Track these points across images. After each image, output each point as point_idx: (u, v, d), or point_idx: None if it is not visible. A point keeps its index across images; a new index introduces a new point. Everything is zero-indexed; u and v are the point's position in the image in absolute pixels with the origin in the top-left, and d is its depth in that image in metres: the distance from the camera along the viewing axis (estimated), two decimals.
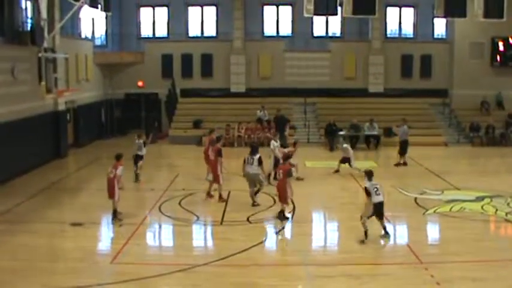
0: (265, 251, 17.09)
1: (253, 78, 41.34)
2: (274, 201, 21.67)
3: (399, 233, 18.61)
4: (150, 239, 18.62)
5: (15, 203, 21.67)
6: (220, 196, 21.93)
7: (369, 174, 17.81)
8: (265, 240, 17.75)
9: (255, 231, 18.33)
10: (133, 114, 41.62)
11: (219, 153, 22.30)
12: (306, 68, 41.03)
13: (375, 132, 34.95)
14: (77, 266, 15.27)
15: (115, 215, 19.08)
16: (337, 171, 27.16)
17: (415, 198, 22.25)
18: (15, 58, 26.58)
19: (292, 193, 20.14)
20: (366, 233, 17.06)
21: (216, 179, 21.98)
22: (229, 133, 35.59)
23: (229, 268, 15.13)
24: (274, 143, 25.31)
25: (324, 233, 19.39)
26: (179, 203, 21.61)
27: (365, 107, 38.12)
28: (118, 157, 19.68)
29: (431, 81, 41.12)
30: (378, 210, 17.28)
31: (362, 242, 16.92)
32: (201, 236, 18.63)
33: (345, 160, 27.13)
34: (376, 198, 17.21)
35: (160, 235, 19.35)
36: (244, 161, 21.47)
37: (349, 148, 27.59)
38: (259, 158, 21.26)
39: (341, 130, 35.23)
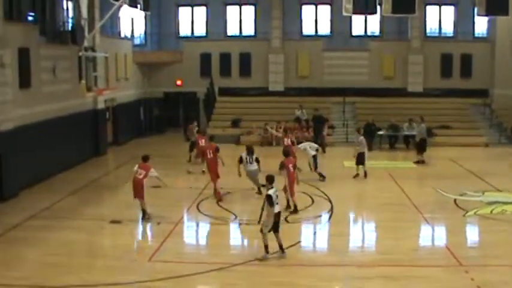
0: (303, 251, 17.00)
1: (292, 78, 41.27)
2: (312, 201, 21.64)
3: (438, 235, 18.38)
4: (188, 238, 18.69)
5: (55, 200, 21.94)
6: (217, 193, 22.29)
7: (270, 180, 15.90)
8: (302, 240, 17.71)
9: (293, 231, 18.27)
10: (171, 113, 41.83)
11: (216, 151, 22.71)
12: (345, 67, 40.80)
13: (414, 133, 34.54)
14: (115, 263, 15.38)
15: (144, 216, 19.14)
16: (356, 175, 26.13)
17: (455, 200, 21.90)
18: (56, 57, 26.91)
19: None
20: (266, 247, 15.43)
21: (214, 178, 22.44)
22: (267, 132, 35.52)
23: (266, 268, 15.08)
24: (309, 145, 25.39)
25: (362, 233, 19.22)
26: (217, 202, 21.62)
27: (404, 107, 37.79)
28: (145, 158, 19.74)
29: (471, 80, 40.60)
30: (277, 222, 15.63)
31: (261, 259, 15.36)
32: (238, 235, 18.61)
33: (360, 158, 25.88)
34: (276, 208, 15.58)
35: (197, 233, 19.42)
36: (242, 161, 22.00)
37: (364, 142, 26.38)
38: (257, 157, 22.07)
39: (380, 130, 34.97)
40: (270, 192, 15.53)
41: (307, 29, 43.54)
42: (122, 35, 39.16)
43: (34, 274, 14.42)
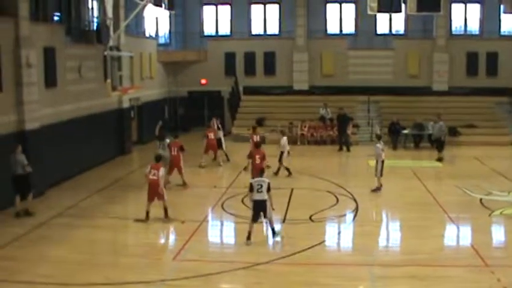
0: (328, 250, 16.98)
1: (316, 76, 41.17)
2: (337, 200, 21.60)
3: (464, 235, 18.24)
4: (212, 236, 18.75)
5: (80, 198, 22.13)
6: (184, 183, 24.21)
7: (261, 171, 18.21)
8: (327, 239, 17.70)
9: (318, 230, 18.28)
10: (196, 111, 41.94)
11: (181, 149, 24.32)
12: (370, 66, 40.60)
13: (430, 131, 34.22)
14: (140, 261, 15.47)
15: (167, 214, 19.16)
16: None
17: (481, 199, 21.73)
18: (82, 56, 27.11)
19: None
20: (249, 234, 16.78)
21: (179, 170, 24.18)
22: (292, 131, 35.50)
23: (291, 267, 15.09)
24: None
25: (387, 233, 19.15)
26: (242, 201, 21.64)
27: (429, 106, 37.49)
28: (158, 159, 19.75)
29: (497, 79, 40.14)
30: (255, 209, 16.86)
31: (247, 242, 16.70)
32: (263, 234, 18.59)
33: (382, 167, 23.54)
34: (256, 196, 16.81)
35: (222, 232, 19.46)
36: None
37: (380, 148, 23.60)
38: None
39: (404, 129, 34.79)
40: (252, 180, 17.36)
41: (332, 27, 43.37)
42: (147, 35, 39.33)
43: (59, 272, 14.54)
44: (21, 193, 19.69)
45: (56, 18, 26.68)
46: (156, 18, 40.84)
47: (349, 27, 43.22)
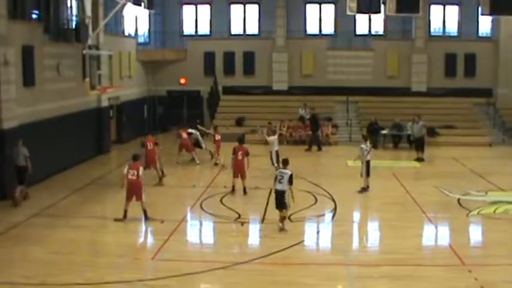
0: (306, 250, 17.01)
1: (296, 76, 41.21)
2: (316, 200, 21.66)
3: (442, 234, 18.38)
4: (191, 236, 18.72)
5: (58, 198, 22.00)
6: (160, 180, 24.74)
7: (285, 162, 18.57)
8: (305, 239, 17.75)
9: (297, 230, 18.27)
10: (175, 111, 41.83)
11: (156, 144, 25.18)
12: (349, 66, 40.75)
13: (409, 132, 34.36)
14: (119, 261, 15.41)
15: (147, 216, 19.00)
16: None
17: (458, 199, 21.89)
18: (61, 55, 26.94)
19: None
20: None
21: (154, 166, 24.79)
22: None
23: (269, 266, 15.10)
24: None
25: (366, 232, 19.17)
26: (220, 201, 21.65)
27: (408, 106, 37.69)
28: (135, 157, 19.54)
29: (475, 80, 40.43)
30: (275, 198, 18.02)
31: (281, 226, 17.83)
32: (242, 234, 18.58)
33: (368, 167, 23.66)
34: (277, 186, 17.84)
35: (201, 232, 19.44)
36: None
37: (364, 149, 23.73)
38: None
39: (383, 129, 34.95)
40: (276, 172, 18.71)
41: (311, 27, 43.45)
42: (126, 33, 39.15)
43: (37, 272, 14.41)
44: (21, 182, 21.61)
45: (34, 16, 26.47)
46: (136, 17, 40.69)
47: (328, 28, 43.32)
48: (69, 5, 28.75)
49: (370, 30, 43.34)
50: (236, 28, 43.72)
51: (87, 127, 30.20)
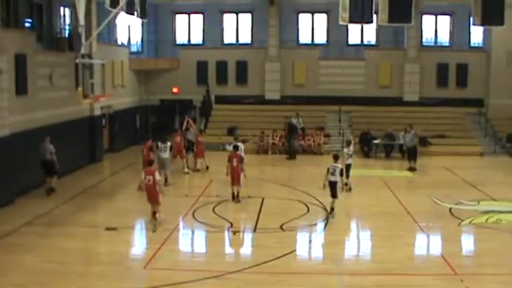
0: (299, 259, 17.03)
1: (288, 86, 41.30)
2: (308, 210, 21.68)
3: (433, 244, 18.42)
4: (183, 245, 18.71)
5: (51, 206, 21.97)
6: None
7: (336, 157, 21.23)
8: (297, 248, 17.77)
9: (289, 239, 18.31)
10: (168, 120, 41.79)
11: (151, 149, 25.66)
12: (341, 76, 40.84)
13: (401, 142, 34.41)
14: (111, 270, 15.39)
15: (155, 217, 19.25)
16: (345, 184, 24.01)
17: (450, 209, 21.97)
18: (53, 64, 26.97)
19: None
20: (331, 209, 20.68)
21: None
22: (263, 140, 35.62)
23: (262, 275, 15.11)
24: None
25: (357, 242, 19.23)
26: (213, 210, 21.66)
27: (400, 116, 37.81)
28: (150, 163, 20.14)
29: (467, 90, 40.61)
30: (330, 188, 20.67)
31: (332, 214, 20.47)
32: (234, 243, 18.60)
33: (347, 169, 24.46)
34: (331, 178, 20.67)
35: (193, 241, 19.43)
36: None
37: (346, 152, 25.25)
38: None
39: (376, 139, 35.04)
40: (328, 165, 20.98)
41: (304, 37, 43.59)
42: (119, 42, 39.21)
43: (30, 281, 14.41)
44: (48, 175, 23.97)
45: (27, 24, 26.52)
46: (129, 26, 40.76)
47: (321, 38, 43.46)
48: (62, 13, 28.84)
49: (362, 40, 43.47)
50: (229, 37, 43.83)
51: (80, 136, 30.17)
